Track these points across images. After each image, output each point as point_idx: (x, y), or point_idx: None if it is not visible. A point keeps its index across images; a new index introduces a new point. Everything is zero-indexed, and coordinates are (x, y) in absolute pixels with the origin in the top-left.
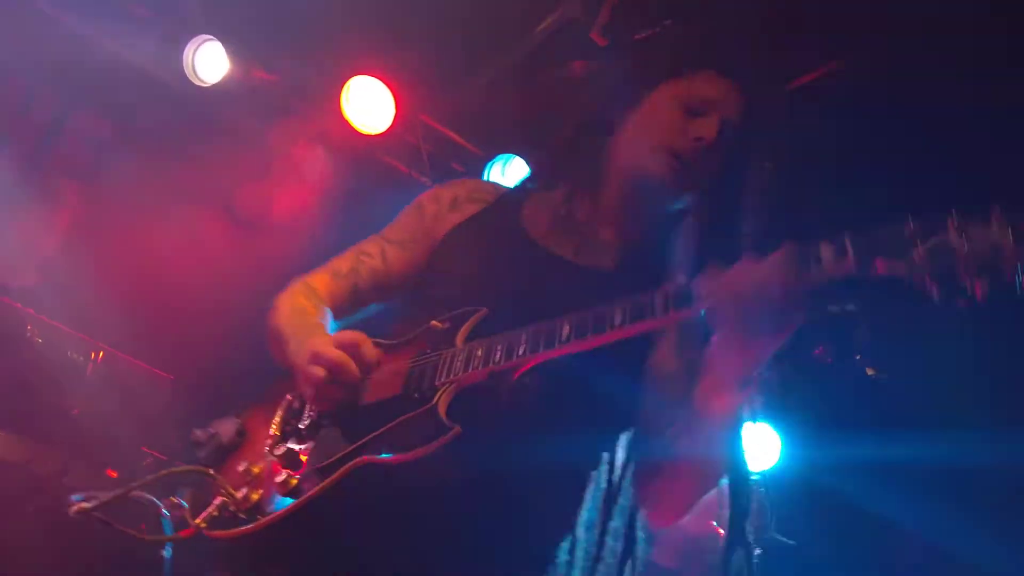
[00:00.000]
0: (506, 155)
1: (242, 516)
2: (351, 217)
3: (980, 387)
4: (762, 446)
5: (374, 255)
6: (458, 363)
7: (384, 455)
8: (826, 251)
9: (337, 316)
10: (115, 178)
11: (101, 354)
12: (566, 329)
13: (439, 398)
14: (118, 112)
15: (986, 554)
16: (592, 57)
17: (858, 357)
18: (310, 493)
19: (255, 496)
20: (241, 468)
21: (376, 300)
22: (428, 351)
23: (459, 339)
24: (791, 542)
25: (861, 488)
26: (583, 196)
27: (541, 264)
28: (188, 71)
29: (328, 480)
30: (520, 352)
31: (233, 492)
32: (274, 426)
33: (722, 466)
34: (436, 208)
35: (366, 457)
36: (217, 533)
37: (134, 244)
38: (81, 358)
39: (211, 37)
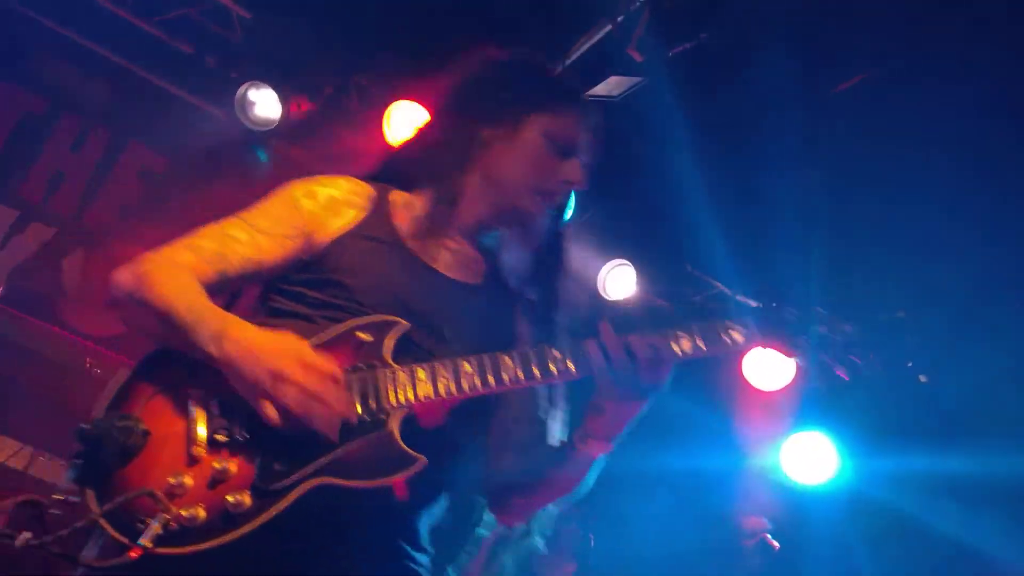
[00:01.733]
0: None
1: (192, 534)
2: None
3: None
4: (819, 458)
5: (244, 242)
6: (404, 386)
7: (346, 479)
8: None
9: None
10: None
11: None
12: (510, 372)
13: (393, 424)
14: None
15: None
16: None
17: (910, 364)
18: (270, 514)
19: (201, 513)
20: (172, 480)
21: (239, 287)
22: (361, 365)
23: (387, 355)
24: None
25: (919, 501)
26: (444, 206)
27: (425, 279)
28: (241, 115)
29: (286, 501)
30: (468, 385)
31: (179, 511)
32: (197, 432)
33: (578, 486)
34: (312, 206)
35: (327, 479)
36: (173, 550)
37: None
38: None
39: (262, 83)
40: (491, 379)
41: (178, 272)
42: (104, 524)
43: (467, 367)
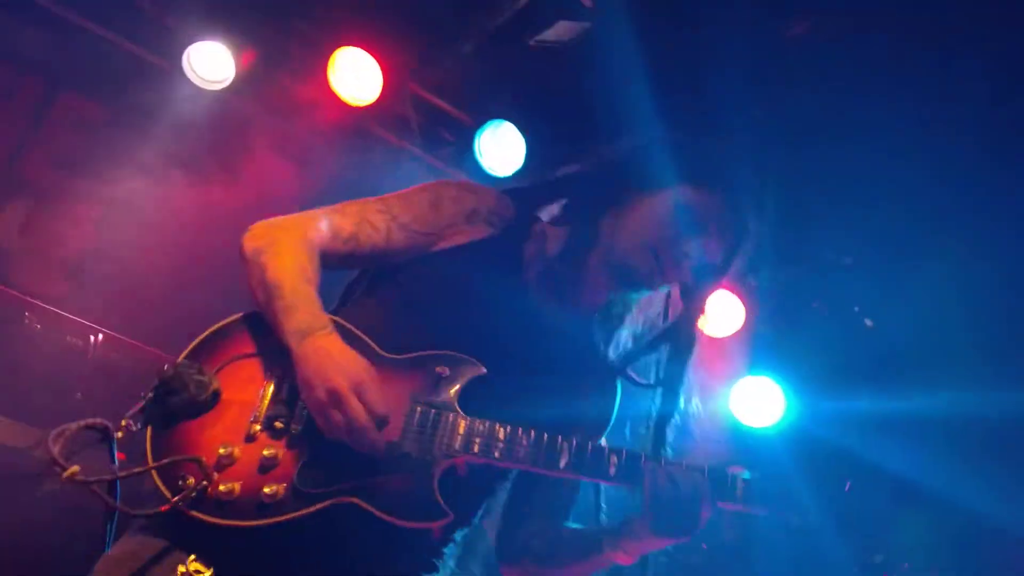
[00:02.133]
0: (496, 120)
1: (221, 506)
2: (342, 188)
3: (979, 337)
4: (766, 401)
5: (380, 230)
6: (457, 437)
7: (376, 507)
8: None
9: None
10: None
11: (100, 337)
12: (564, 461)
13: (436, 470)
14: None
15: (988, 503)
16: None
17: (856, 309)
18: (296, 515)
19: (236, 488)
20: (222, 449)
21: (361, 266)
22: (429, 397)
23: (455, 396)
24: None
25: (864, 440)
26: (578, 246)
27: (520, 311)
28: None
29: (314, 508)
30: (515, 458)
31: (219, 483)
32: (263, 410)
33: None
34: (455, 212)
35: (358, 501)
36: (200, 515)
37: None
38: (80, 342)
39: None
40: (543, 462)
41: (303, 249)
42: (154, 476)
43: (524, 442)
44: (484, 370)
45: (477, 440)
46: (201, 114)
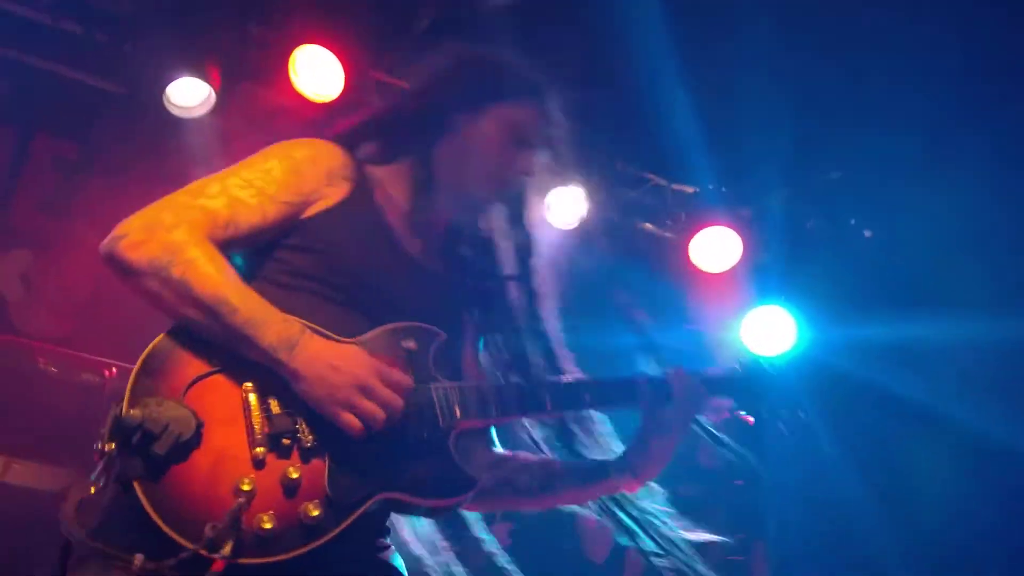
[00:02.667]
0: None
1: (265, 543)
2: None
3: (987, 261)
4: (778, 330)
5: (252, 207)
6: (455, 407)
7: (412, 495)
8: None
9: None
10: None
11: (114, 370)
12: (549, 402)
13: (451, 443)
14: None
15: (996, 427)
16: None
17: (852, 222)
18: (342, 526)
19: (271, 520)
20: (245, 485)
21: (238, 252)
22: (413, 374)
23: (434, 368)
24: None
25: (875, 367)
26: (420, 190)
27: (402, 261)
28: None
29: (356, 513)
30: (509, 412)
31: (258, 521)
32: (258, 431)
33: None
34: (315, 174)
35: (395, 494)
36: (249, 560)
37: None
38: (96, 378)
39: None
40: (533, 408)
41: (210, 247)
42: (203, 552)
43: (509, 395)
44: (444, 335)
45: (471, 404)
46: (178, 141)
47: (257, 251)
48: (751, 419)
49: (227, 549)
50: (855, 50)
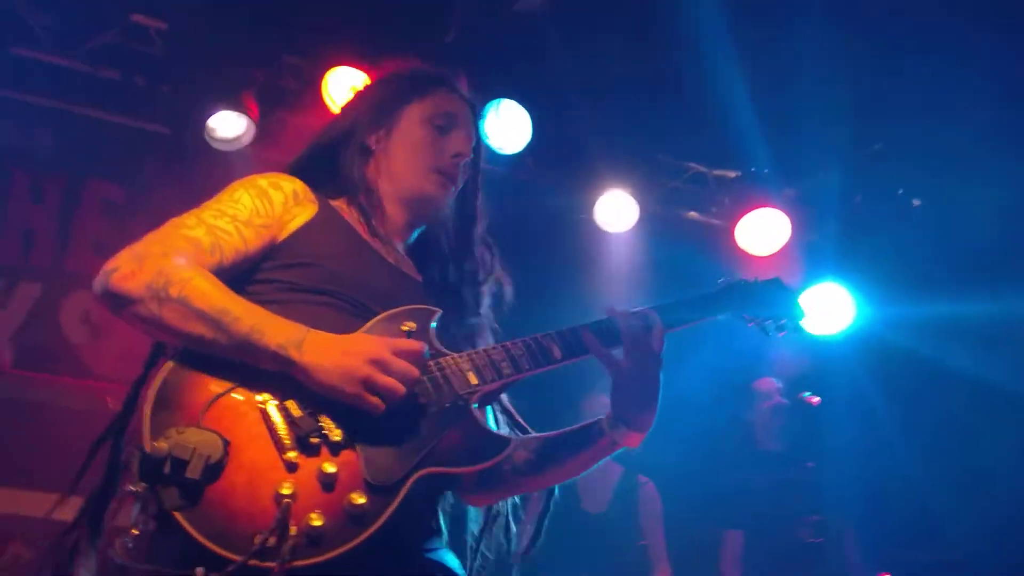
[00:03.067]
0: (494, 100)
1: (318, 542)
2: None
3: None
4: (836, 308)
5: (232, 234)
6: (469, 374)
7: (450, 466)
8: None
9: None
10: None
11: None
12: (557, 351)
13: (472, 412)
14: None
15: None
16: None
17: (900, 192)
18: (391, 509)
19: (319, 519)
20: (285, 489)
21: (225, 279)
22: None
23: (437, 344)
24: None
25: (933, 344)
26: (368, 215)
27: (384, 266)
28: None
29: (401, 494)
30: (521, 368)
31: (307, 521)
32: (284, 436)
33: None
34: (283, 197)
35: (434, 468)
36: (306, 561)
37: None
38: None
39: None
40: (543, 360)
41: (200, 268)
42: (252, 562)
43: (516, 352)
44: (439, 310)
45: (485, 368)
46: (222, 174)
47: (245, 278)
48: (816, 400)
49: (283, 552)
50: (897, 22)
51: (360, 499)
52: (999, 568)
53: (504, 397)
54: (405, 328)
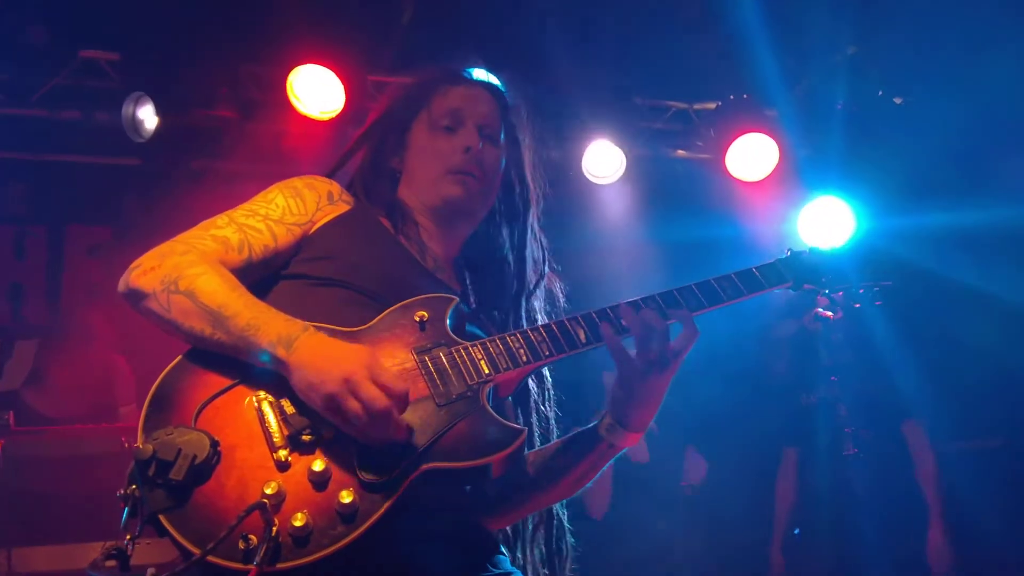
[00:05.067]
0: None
1: (304, 543)
2: None
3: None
4: (835, 221)
5: (262, 231)
6: (481, 363)
7: (452, 461)
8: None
9: None
10: None
11: None
12: (582, 335)
13: (483, 398)
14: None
15: None
16: None
17: (880, 93)
18: (384, 508)
19: (306, 519)
20: (268, 489)
21: (256, 276)
22: (428, 342)
23: (450, 331)
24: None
25: (933, 254)
26: (409, 229)
27: (411, 262)
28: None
29: (396, 492)
30: (541, 355)
31: (290, 521)
32: (275, 435)
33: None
34: (317, 198)
35: (434, 464)
36: (288, 564)
37: None
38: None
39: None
40: (566, 345)
41: (215, 265)
42: (214, 560)
43: (537, 338)
44: (455, 297)
45: (499, 356)
46: (197, 195)
47: (274, 275)
48: (831, 314)
49: (259, 554)
50: None
51: (348, 497)
52: None
53: (536, 397)
54: (418, 317)
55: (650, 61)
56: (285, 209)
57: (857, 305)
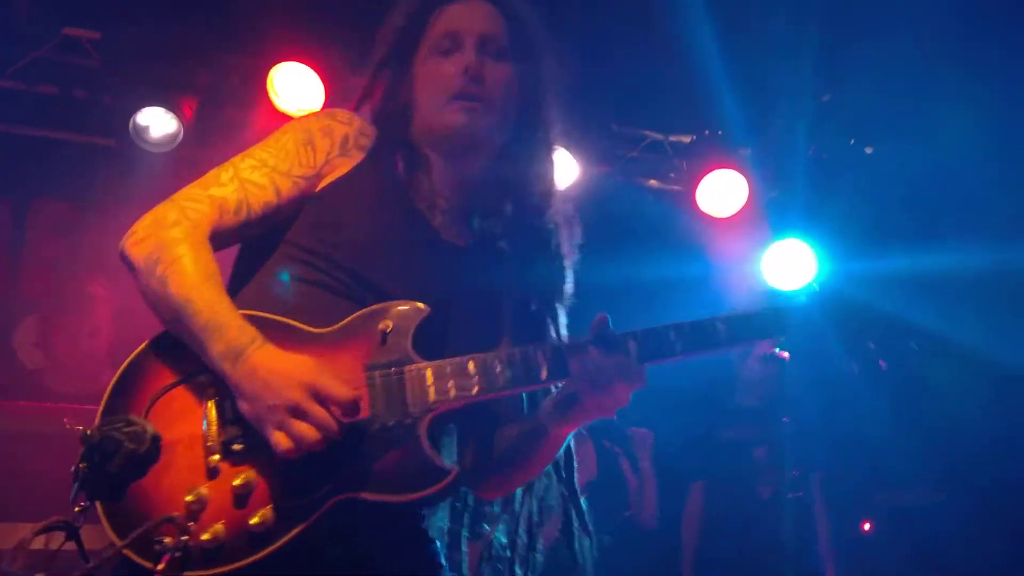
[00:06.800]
0: None
1: (211, 556)
2: None
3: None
4: (798, 263)
5: (264, 187)
6: (429, 388)
7: (374, 492)
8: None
9: (214, 247)
10: None
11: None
12: (544, 371)
13: (421, 430)
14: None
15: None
16: None
17: (852, 142)
18: (294, 532)
19: (220, 531)
20: (189, 496)
21: (254, 233)
22: (383, 358)
23: (410, 347)
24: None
25: (895, 298)
26: (417, 172)
27: (421, 236)
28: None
29: (311, 518)
30: (496, 387)
31: (200, 533)
32: (214, 439)
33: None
34: (328, 145)
35: (353, 494)
36: (193, 574)
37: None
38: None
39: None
40: (524, 380)
41: (200, 247)
42: (128, 554)
43: (498, 367)
44: (427, 309)
45: (450, 383)
46: (162, 179)
47: (269, 237)
48: (786, 354)
49: (163, 561)
50: None
51: (256, 519)
52: (964, 510)
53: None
54: (382, 327)
55: (631, 90)
56: (294, 160)
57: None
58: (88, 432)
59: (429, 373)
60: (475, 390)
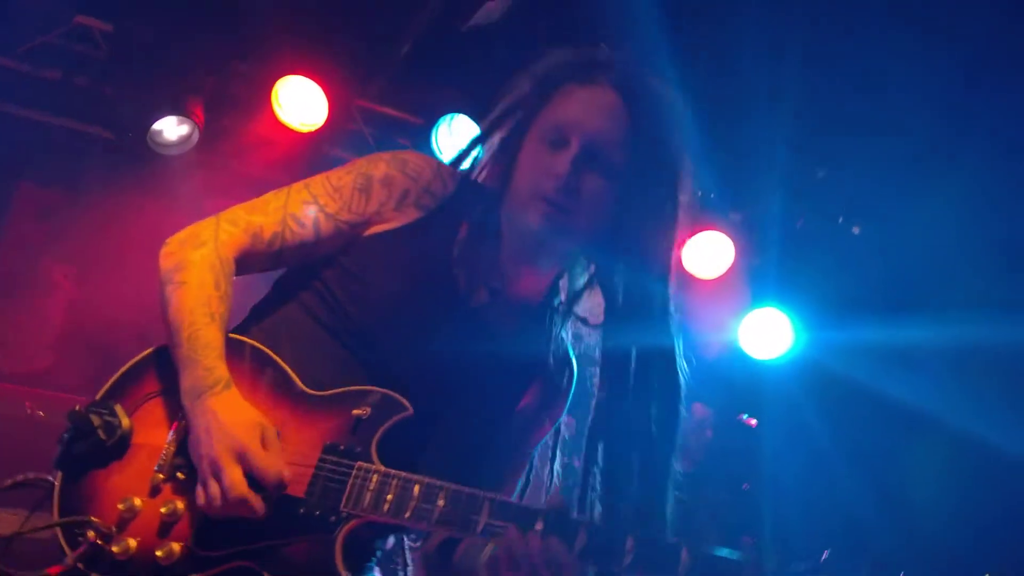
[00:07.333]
0: (449, 114)
1: (117, 567)
2: None
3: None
4: (775, 332)
5: (306, 225)
6: (367, 494)
7: (271, 570)
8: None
9: (238, 272)
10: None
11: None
12: (481, 522)
13: (342, 532)
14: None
15: (999, 431)
16: None
17: (840, 220)
18: None
19: (132, 547)
20: (121, 505)
21: (288, 266)
22: (343, 443)
23: (374, 445)
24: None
25: (871, 369)
26: (482, 246)
27: (449, 306)
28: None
29: (208, 571)
30: (428, 520)
31: (115, 541)
32: (167, 459)
33: None
34: (384, 197)
35: (254, 566)
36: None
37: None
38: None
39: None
40: (459, 524)
41: (211, 274)
42: (58, 532)
43: (440, 501)
44: (410, 411)
45: (388, 497)
46: (163, 180)
47: (304, 274)
48: (753, 422)
49: (69, 559)
50: (846, 54)
51: (162, 552)
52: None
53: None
54: (357, 412)
55: None
56: (345, 202)
57: None
58: (77, 408)
59: (375, 479)
60: (407, 515)
